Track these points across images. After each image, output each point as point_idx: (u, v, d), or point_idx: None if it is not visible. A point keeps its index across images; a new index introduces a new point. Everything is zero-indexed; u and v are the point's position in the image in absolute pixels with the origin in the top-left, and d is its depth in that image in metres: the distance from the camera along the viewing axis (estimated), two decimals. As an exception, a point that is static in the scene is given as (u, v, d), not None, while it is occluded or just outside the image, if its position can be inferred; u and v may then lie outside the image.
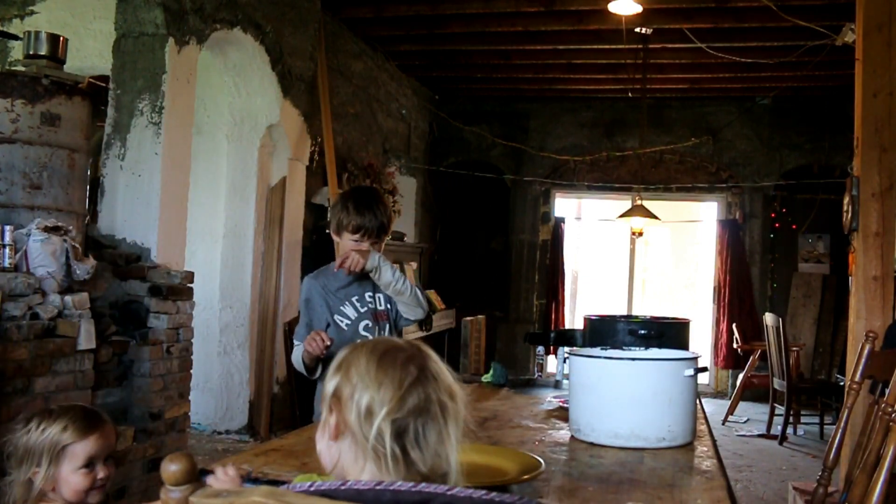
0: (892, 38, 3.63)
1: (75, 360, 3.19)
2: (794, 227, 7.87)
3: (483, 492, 0.84)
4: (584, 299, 10.39)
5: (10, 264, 3.02)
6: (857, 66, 3.70)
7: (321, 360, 2.37)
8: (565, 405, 2.40)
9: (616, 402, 1.95)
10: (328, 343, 2.29)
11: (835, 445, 2.36)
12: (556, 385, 3.08)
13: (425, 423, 0.97)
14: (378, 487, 0.84)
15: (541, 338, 7.95)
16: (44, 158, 3.27)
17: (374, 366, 0.99)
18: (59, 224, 3.20)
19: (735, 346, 7.55)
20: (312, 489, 0.84)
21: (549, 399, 2.64)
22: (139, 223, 3.93)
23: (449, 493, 0.83)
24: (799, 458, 5.53)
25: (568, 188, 8.51)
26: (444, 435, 0.99)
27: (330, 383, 1.03)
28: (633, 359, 2.14)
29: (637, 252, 8.54)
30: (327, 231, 5.69)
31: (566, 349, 3.14)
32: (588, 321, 2.97)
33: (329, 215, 2.51)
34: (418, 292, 2.52)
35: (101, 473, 1.74)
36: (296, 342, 2.52)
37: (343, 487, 0.84)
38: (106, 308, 3.59)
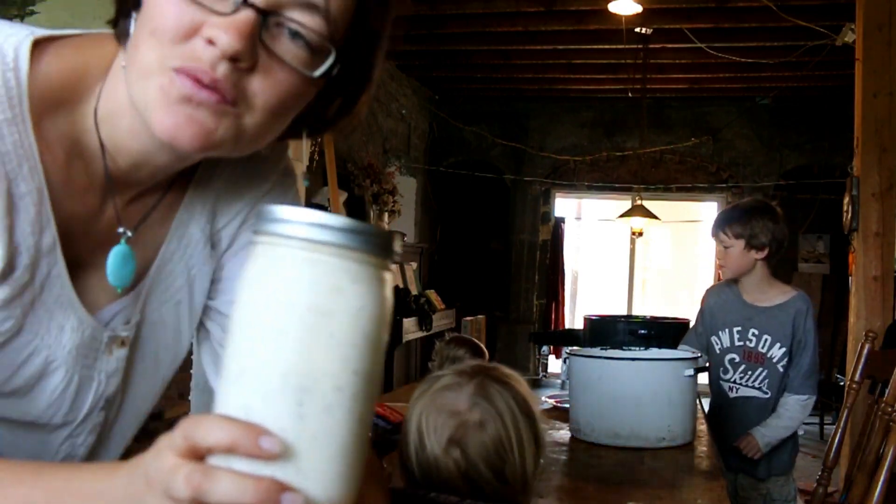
0: (892, 38, 3.63)
1: (75, 360, 3.18)
2: (794, 227, 7.87)
3: None
4: (584, 299, 10.38)
5: (10, 264, 3.01)
6: (857, 66, 3.71)
7: None
8: (559, 405, 2.40)
9: (616, 402, 1.95)
10: None
11: (835, 445, 2.36)
12: (563, 385, 3.08)
13: None
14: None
15: (546, 337, 8.00)
16: (44, 158, 3.26)
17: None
18: (59, 224, 3.18)
19: (735, 346, 7.55)
20: None
21: (544, 399, 2.65)
22: (139, 223, 3.92)
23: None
24: (799, 458, 5.50)
25: (568, 188, 8.51)
26: None
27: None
28: (633, 359, 2.14)
29: (637, 252, 8.53)
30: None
31: (567, 349, 3.14)
32: (588, 321, 2.97)
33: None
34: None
35: None
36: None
37: None
38: (106, 308, 3.58)
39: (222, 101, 0.67)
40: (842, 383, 5.34)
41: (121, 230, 0.79)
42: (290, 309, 0.51)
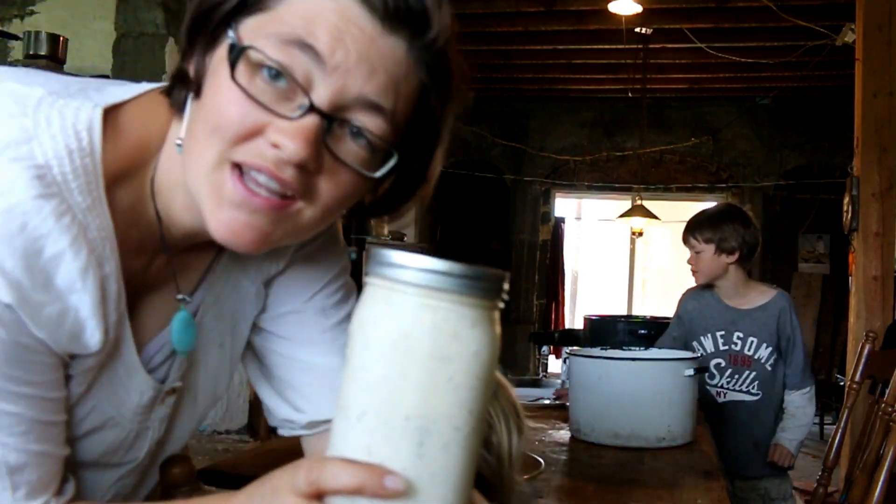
0: (892, 38, 3.63)
1: (75, 360, 3.18)
2: (794, 227, 7.87)
3: None
4: (584, 299, 10.39)
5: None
6: (857, 66, 3.71)
7: None
8: (541, 402, 2.43)
9: (616, 402, 1.95)
10: None
11: (835, 445, 2.36)
12: (563, 385, 3.09)
13: None
14: None
15: (546, 337, 8.00)
16: (44, 158, 3.25)
17: None
18: (59, 224, 3.18)
19: (735, 346, 7.54)
20: None
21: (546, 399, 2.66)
22: (139, 223, 3.92)
23: None
24: (799, 458, 5.51)
25: (568, 188, 8.51)
26: None
27: None
28: (633, 359, 2.14)
29: (637, 252, 8.54)
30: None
31: (567, 349, 3.15)
32: (588, 321, 2.97)
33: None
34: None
35: None
36: None
37: None
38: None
39: (279, 207, 0.66)
40: (842, 383, 5.34)
41: (179, 296, 0.80)
42: (411, 355, 0.53)
